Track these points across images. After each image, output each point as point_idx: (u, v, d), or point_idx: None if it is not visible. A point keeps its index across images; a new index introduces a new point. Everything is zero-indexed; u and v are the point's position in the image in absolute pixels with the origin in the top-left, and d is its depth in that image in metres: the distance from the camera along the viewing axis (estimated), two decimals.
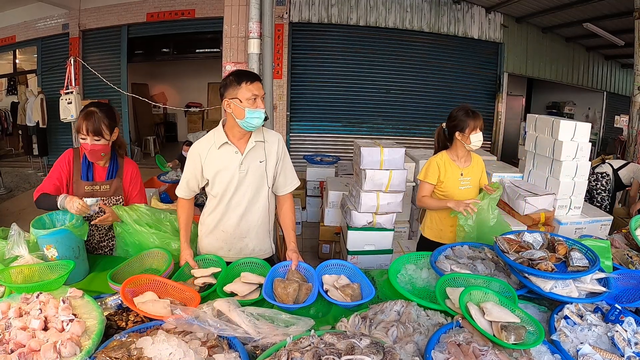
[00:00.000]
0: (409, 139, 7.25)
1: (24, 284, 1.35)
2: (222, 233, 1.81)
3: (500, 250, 1.54)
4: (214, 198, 1.79)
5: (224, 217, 1.79)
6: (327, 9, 6.81)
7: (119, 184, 1.88)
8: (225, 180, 1.72)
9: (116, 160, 1.89)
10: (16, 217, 4.89)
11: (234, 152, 1.71)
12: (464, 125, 2.13)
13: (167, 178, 5.42)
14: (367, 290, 1.48)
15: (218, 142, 1.71)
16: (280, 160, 1.81)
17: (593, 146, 4.32)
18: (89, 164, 1.83)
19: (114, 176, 1.87)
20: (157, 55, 8.54)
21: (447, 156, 2.26)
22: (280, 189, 1.86)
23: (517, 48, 7.67)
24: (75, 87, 6.08)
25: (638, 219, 1.86)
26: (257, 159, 1.74)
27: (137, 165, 1.98)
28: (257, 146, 1.73)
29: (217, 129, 1.75)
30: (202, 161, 1.72)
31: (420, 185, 2.31)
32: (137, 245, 1.79)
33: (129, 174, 1.92)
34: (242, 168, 1.71)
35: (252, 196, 1.76)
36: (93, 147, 1.72)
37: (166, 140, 11.04)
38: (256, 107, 1.60)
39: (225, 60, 3.24)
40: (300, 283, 1.49)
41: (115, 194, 1.87)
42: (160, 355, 0.99)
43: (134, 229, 1.77)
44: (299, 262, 1.64)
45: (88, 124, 1.69)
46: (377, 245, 2.97)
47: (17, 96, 9.33)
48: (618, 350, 1.12)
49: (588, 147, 3.22)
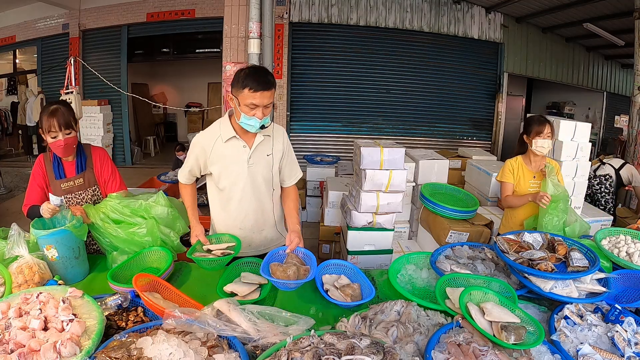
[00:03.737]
0: (409, 139, 7.24)
1: None
2: (240, 230, 1.82)
3: (500, 250, 1.54)
4: (220, 191, 1.79)
5: (239, 215, 1.79)
6: (327, 9, 6.81)
7: (91, 175, 1.89)
8: (233, 175, 1.72)
9: (83, 152, 1.90)
10: (16, 217, 4.88)
11: (241, 146, 1.71)
12: (530, 130, 2.32)
13: (167, 178, 5.42)
14: (367, 290, 1.48)
15: (225, 135, 1.69)
16: (286, 154, 1.83)
17: (593, 146, 4.32)
18: (58, 162, 1.84)
19: (84, 168, 1.88)
20: (157, 55, 8.54)
21: (522, 160, 2.43)
22: (285, 180, 1.88)
23: (517, 48, 7.67)
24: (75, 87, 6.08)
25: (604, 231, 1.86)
26: (265, 152, 1.75)
27: (104, 151, 1.98)
28: (264, 140, 1.74)
29: (222, 121, 1.74)
30: (207, 155, 1.71)
31: (501, 186, 2.49)
32: (110, 243, 1.71)
33: (98, 160, 1.92)
34: (251, 162, 1.72)
35: (264, 189, 1.78)
36: (67, 141, 1.74)
37: (166, 140, 11.04)
38: (253, 114, 1.56)
39: (225, 60, 3.24)
40: (298, 266, 1.50)
41: (90, 184, 1.89)
42: (160, 355, 0.99)
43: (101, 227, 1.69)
44: (297, 247, 1.62)
45: (58, 119, 1.70)
46: (377, 245, 2.96)
47: (17, 96, 9.34)
48: (618, 350, 1.12)
49: (588, 147, 3.22)
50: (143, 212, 1.74)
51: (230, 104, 1.66)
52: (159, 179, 5.40)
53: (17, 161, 8.46)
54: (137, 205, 1.74)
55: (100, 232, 1.71)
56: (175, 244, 1.78)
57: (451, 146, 7.21)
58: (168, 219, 1.78)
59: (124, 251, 1.69)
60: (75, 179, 1.85)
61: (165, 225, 1.77)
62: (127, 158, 8.27)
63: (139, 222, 1.72)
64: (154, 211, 1.75)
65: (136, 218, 1.72)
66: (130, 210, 1.73)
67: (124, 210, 1.72)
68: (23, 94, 8.76)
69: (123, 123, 8.08)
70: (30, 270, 1.45)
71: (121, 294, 1.34)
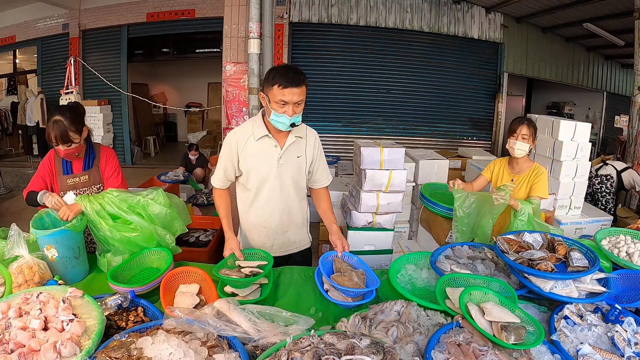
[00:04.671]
0: (409, 139, 7.24)
1: None
2: (264, 229, 1.82)
3: (500, 250, 1.54)
4: (248, 191, 1.78)
5: (264, 213, 1.79)
6: (327, 9, 6.81)
7: (97, 172, 1.95)
8: (262, 173, 1.72)
9: (92, 151, 1.95)
10: (16, 217, 4.88)
11: (273, 146, 1.71)
12: (509, 130, 2.26)
13: (167, 178, 5.42)
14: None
15: (257, 133, 1.69)
16: (317, 159, 1.85)
17: (593, 146, 4.32)
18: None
19: (91, 166, 1.94)
20: (157, 55, 8.54)
21: (506, 161, 2.37)
22: (317, 182, 1.91)
23: (517, 48, 7.67)
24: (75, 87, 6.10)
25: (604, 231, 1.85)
26: (296, 154, 1.76)
27: (113, 151, 2.04)
28: (296, 141, 1.74)
29: (255, 120, 1.74)
30: (239, 152, 1.71)
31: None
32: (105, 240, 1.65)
33: (104, 158, 1.97)
34: (281, 162, 1.72)
35: (291, 190, 1.79)
36: (66, 152, 1.80)
37: (166, 140, 11.04)
38: (283, 112, 1.56)
39: (225, 60, 3.24)
40: (352, 270, 1.54)
41: (95, 182, 1.94)
42: (160, 355, 0.99)
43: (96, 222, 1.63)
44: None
45: (56, 134, 1.73)
46: (377, 245, 2.96)
47: (17, 96, 9.33)
48: (618, 350, 1.12)
49: (588, 147, 3.22)
50: (140, 209, 1.69)
51: (262, 103, 1.66)
52: (158, 179, 5.40)
53: (17, 161, 8.46)
54: (134, 201, 1.68)
55: (95, 225, 1.65)
56: (171, 247, 1.73)
57: (451, 146, 7.21)
58: (166, 219, 1.74)
59: (118, 251, 1.65)
60: (81, 176, 1.91)
61: (162, 226, 1.73)
62: (127, 158, 8.27)
63: (135, 220, 1.66)
64: (151, 209, 1.70)
65: (132, 215, 1.67)
66: (128, 205, 1.67)
67: (120, 205, 1.66)
68: (23, 94, 8.75)
69: (123, 123, 8.08)
70: (30, 270, 1.45)
71: (121, 294, 1.34)
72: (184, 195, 5.33)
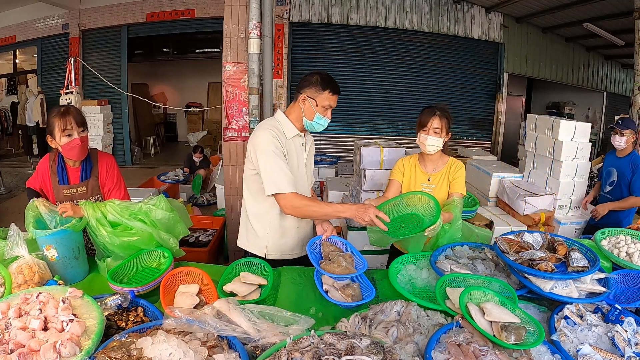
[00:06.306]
0: (409, 139, 7.22)
1: None
2: (296, 229, 1.85)
3: (500, 250, 1.54)
4: None
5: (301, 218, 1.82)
6: (327, 9, 6.81)
7: (95, 183, 1.84)
8: (294, 170, 1.73)
9: (89, 159, 1.84)
10: (16, 217, 4.88)
11: (300, 144, 1.80)
12: (418, 123, 1.92)
13: (167, 178, 5.43)
14: (367, 290, 1.48)
15: (289, 133, 1.74)
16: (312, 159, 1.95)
17: (593, 146, 4.32)
18: (62, 168, 1.80)
19: (89, 176, 1.83)
20: (157, 55, 8.55)
21: (416, 158, 2.04)
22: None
23: (517, 48, 7.67)
24: (75, 87, 6.10)
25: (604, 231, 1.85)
26: (311, 152, 1.92)
27: (112, 158, 1.93)
28: (307, 140, 1.88)
29: (281, 120, 1.75)
30: (283, 150, 1.69)
31: (387, 184, 2.13)
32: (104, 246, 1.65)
33: (104, 168, 1.86)
34: (306, 160, 1.83)
35: (307, 185, 1.88)
36: (82, 140, 1.72)
37: (166, 140, 11.05)
38: (326, 115, 1.73)
39: (225, 60, 3.24)
40: (340, 253, 1.56)
41: (93, 193, 1.84)
42: (160, 355, 0.99)
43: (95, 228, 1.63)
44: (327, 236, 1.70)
45: (74, 116, 1.69)
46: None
47: (17, 96, 9.34)
48: (618, 350, 1.12)
49: (588, 147, 3.22)
50: (143, 216, 1.67)
51: (300, 106, 1.74)
52: (158, 179, 5.40)
53: (17, 161, 8.47)
54: (136, 208, 1.68)
55: (94, 232, 1.64)
56: (175, 250, 1.72)
57: (451, 146, 7.19)
58: (169, 223, 1.72)
59: (118, 256, 1.64)
60: (79, 187, 1.81)
61: (165, 230, 1.71)
62: (127, 158, 8.27)
63: (137, 226, 1.65)
64: (153, 215, 1.68)
65: (134, 222, 1.65)
66: (129, 213, 1.66)
67: (122, 213, 1.65)
68: (23, 94, 8.76)
69: (123, 123, 8.08)
70: (30, 271, 1.45)
71: (121, 294, 1.34)
72: (184, 195, 5.33)
